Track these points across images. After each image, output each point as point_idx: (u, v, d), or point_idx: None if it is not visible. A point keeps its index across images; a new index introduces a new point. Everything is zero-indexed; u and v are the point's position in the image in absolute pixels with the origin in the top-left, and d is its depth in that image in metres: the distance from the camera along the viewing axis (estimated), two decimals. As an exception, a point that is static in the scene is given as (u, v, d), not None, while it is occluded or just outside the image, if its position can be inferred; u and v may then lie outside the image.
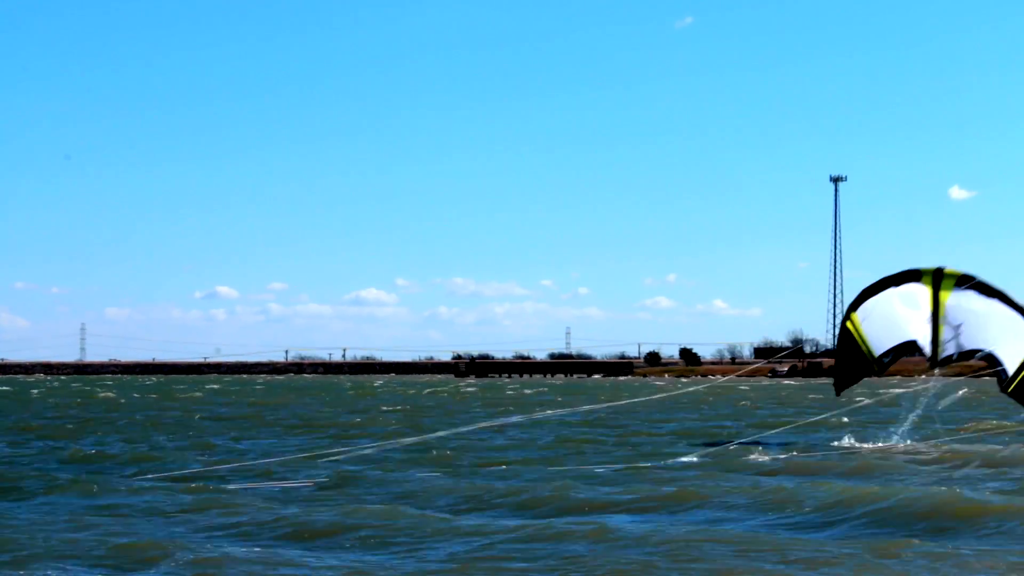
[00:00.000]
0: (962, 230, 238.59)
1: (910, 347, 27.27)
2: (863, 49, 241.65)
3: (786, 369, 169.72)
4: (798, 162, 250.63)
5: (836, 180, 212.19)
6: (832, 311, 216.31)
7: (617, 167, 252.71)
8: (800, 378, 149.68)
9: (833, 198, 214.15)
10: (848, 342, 27.71)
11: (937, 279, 27.40)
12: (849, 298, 29.22)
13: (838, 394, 29.15)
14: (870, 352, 27.34)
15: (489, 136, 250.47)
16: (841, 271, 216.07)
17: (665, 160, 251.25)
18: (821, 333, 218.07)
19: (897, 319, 27.30)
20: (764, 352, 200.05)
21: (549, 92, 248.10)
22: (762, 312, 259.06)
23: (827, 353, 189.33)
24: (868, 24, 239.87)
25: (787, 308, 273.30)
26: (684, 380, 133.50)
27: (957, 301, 27.08)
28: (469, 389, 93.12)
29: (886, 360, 27.33)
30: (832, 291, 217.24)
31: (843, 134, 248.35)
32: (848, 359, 27.77)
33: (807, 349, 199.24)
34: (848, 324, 27.81)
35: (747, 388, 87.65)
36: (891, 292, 27.70)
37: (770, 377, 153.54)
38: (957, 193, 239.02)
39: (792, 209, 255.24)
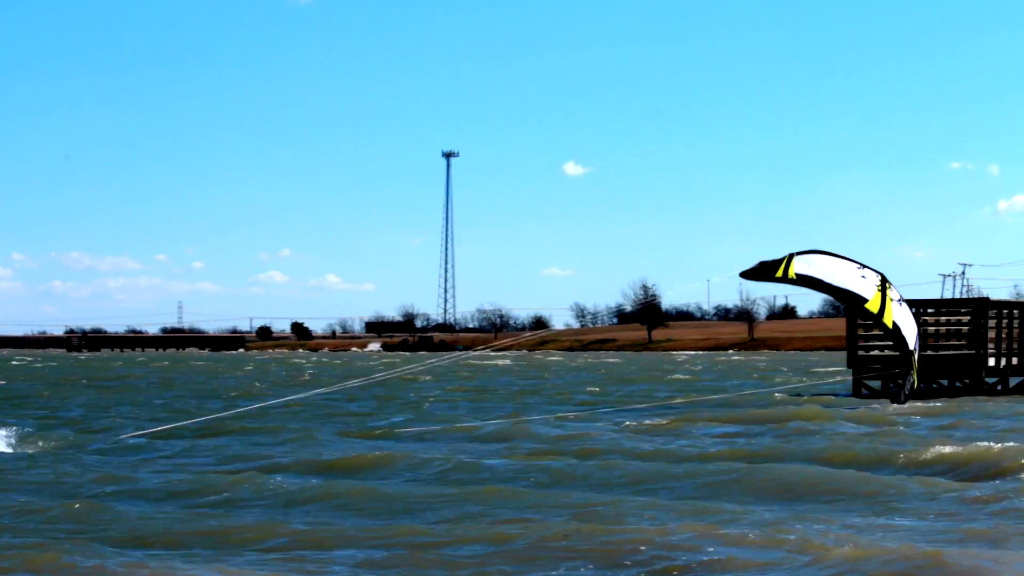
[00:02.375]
0: (577, 205, 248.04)
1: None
2: (477, 27, 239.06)
3: (397, 343, 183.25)
4: (411, 137, 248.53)
5: (448, 156, 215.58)
6: (444, 286, 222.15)
7: (230, 142, 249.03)
8: (410, 352, 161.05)
9: (445, 173, 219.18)
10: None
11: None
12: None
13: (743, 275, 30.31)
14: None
15: (95, 112, 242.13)
16: (453, 247, 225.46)
17: (276, 135, 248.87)
18: (433, 308, 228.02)
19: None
20: (376, 326, 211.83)
21: (151, 70, 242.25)
22: (375, 287, 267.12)
23: (439, 327, 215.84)
24: (481, 4, 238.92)
25: (400, 283, 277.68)
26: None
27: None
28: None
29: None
30: (443, 266, 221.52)
31: (455, 110, 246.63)
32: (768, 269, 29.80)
33: (419, 324, 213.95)
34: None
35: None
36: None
37: (377, 352, 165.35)
38: (572, 169, 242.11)
39: (406, 185, 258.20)
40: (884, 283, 30.78)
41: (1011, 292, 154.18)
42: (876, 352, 38.96)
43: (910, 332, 31.31)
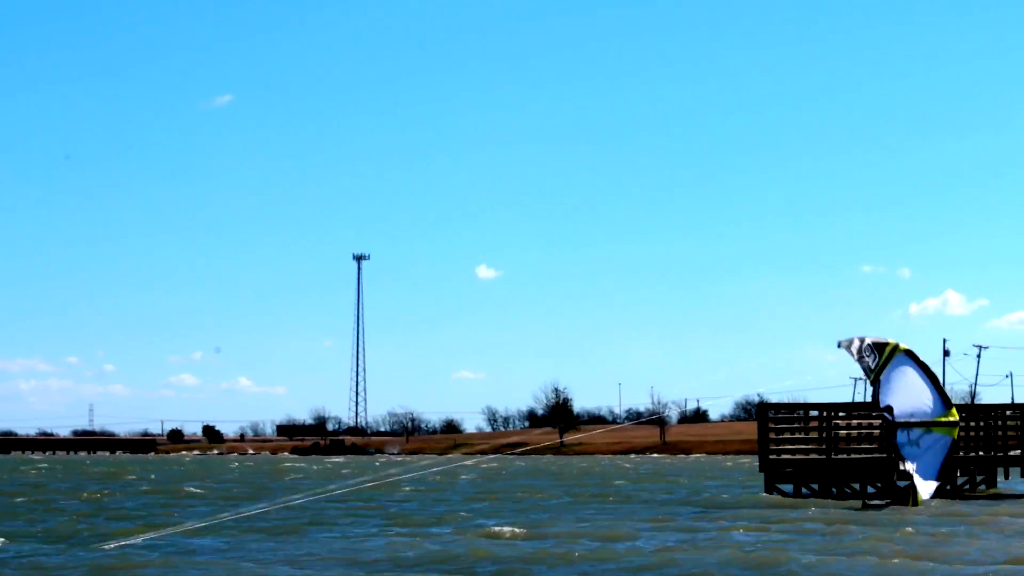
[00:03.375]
0: (489, 308, 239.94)
1: None
2: (387, 129, 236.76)
3: (308, 446, 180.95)
4: (321, 240, 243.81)
5: (359, 258, 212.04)
6: (355, 389, 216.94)
7: (142, 244, 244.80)
8: (322, 455, 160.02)
9: (356, 276, 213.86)
10: None
11: None
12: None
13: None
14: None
15: (3, 215, 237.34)
16: (364, 350, 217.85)
17: (188, 238, 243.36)
18: (344, 411, 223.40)
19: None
20: (287, 430, 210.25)
21: (62, 173, 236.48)
22: (287, 390, 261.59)
23: (350, 431, 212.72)
24: (392, 105, 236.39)
25: (311, 386, 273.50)
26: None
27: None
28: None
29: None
30: (355, 369, 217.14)
31: (366, 213, 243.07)
32: None
33: (330, 427, 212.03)
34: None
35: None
36: None
37: (291, 453, 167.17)
38: (484, 272, 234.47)
39: (317, 287, 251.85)
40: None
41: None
42: (788, 456, 38.97)
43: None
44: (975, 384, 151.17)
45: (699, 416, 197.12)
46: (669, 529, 28.02)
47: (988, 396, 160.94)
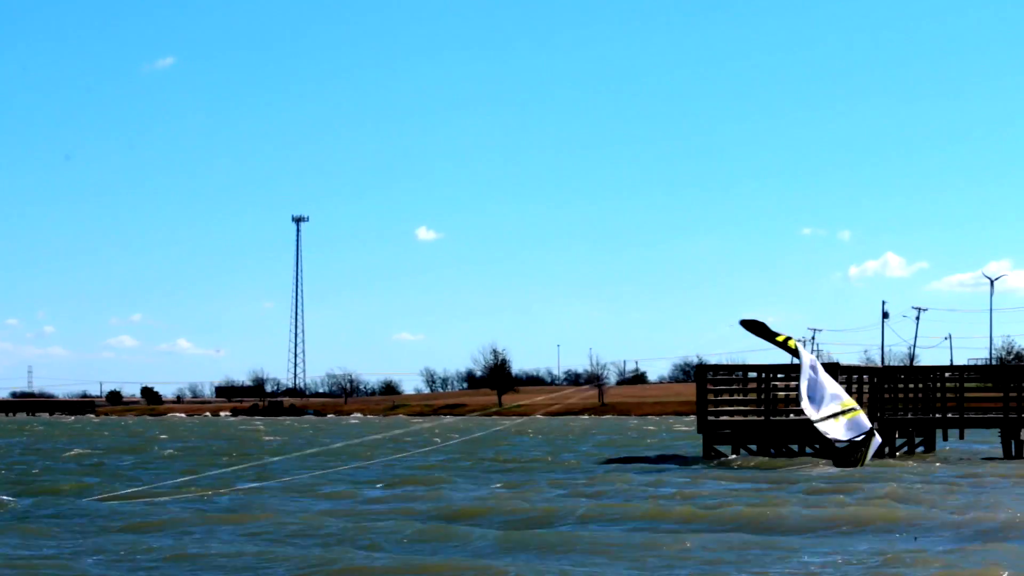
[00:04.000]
0: (429, 270, 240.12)
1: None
2: (327, 92, 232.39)
3: (247, 407, 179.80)
4: (261, 202, 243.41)
5: (298, 220, 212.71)
6: (294, 351, 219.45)
7: (81, 207, 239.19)
8: (262, 416, 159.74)
9: (295, 238, 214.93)
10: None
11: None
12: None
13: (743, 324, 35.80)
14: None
15: None
16: (303, 312, 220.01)
17: (127, 200, 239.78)
18: (283, 373, 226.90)
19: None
20: (226, 391, 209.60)
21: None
22: (226, 352, 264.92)
23: (289, 392, 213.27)
24: (331, 69, 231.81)
25: (251, 348, 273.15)
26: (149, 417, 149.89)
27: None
28: None
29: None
30: (294, 331, 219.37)
31: (305, 175, 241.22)
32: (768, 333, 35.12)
33: (268, 388, 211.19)
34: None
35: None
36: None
37: (232, 416, 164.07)
38: (424, 234, 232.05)
39: (256, 250, 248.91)
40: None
41: (861, 357, 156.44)
42: (726, 417, 38.75)
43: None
44: (914, 346, 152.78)
45: (638, 378, 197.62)
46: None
47: (927, 358, 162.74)
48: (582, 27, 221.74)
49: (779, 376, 39.23)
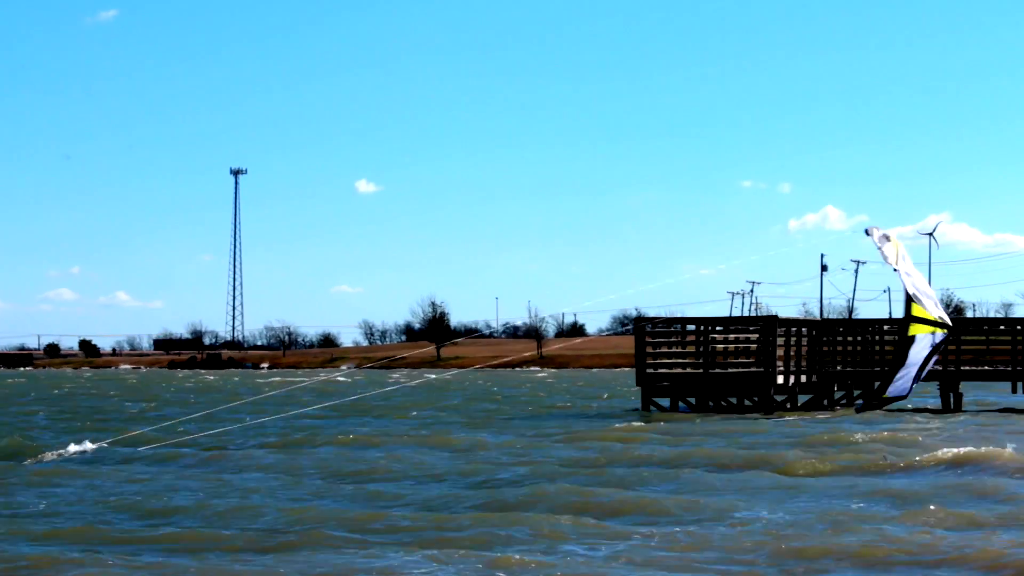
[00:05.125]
0: (369, 222, 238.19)
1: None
2: (266, 45, 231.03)
3: (185, 360, 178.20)
4: (198, 154, 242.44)
5: (236, 173, 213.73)
6: (232, 303, 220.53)
7: (19, 159, 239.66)
8: (201, 369, 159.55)
9: (233, 191, 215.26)
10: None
11: None
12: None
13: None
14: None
15: None
16: (241, 264, 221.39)
17: (64, 151, 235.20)
18: (221, 325, 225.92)
19: None
20: (164, 344, 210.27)
21: None
22: (164, 304, 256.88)
23: (227, 345, 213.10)
24: (271, 23, 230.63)
25: (189, 300, 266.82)
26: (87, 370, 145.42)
27: None
28: None
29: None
30: (232, 284, 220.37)
31: (243, 127, 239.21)
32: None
33: (207, 341, 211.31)
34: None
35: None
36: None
37: (170, 368, 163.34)
38: (364, 187, 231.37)
39: (195, 202, 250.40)
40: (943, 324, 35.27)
41: (799, 310, 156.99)
42: (664, 371, 38.50)
43: (917, 355, 34.69)
44: (852, 299, 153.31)
45: (576, 330, 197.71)
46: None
47: (865, 311, 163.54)
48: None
49: (717, 329, 39.03)
